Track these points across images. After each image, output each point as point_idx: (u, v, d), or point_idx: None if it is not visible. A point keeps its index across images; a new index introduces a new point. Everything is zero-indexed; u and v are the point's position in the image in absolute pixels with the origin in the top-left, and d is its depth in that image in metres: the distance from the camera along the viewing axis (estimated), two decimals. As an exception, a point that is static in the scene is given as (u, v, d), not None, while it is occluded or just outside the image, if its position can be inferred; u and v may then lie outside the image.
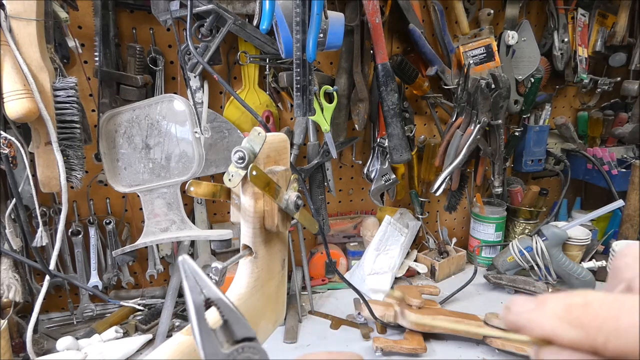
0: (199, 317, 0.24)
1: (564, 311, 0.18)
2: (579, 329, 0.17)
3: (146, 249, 1.00)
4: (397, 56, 1.04)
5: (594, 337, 0.17)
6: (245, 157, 0.52)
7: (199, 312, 0.25)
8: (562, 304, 0.18)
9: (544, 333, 0.18)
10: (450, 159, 1.09)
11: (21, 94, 0.64)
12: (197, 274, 0.26)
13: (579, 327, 0.17)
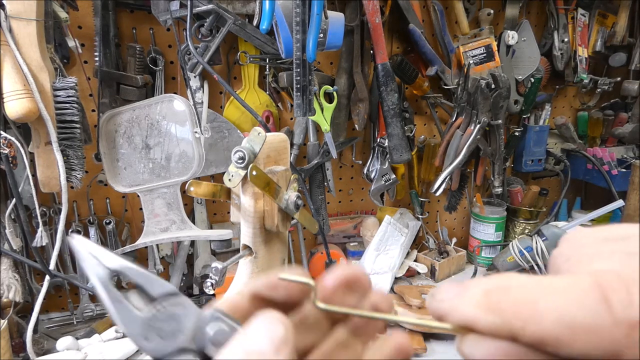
0: (107, 289, 0.23)
1: (483, 296, 0.17)
2: (497, 314, 0.17)
3: (146, 249, 1.00)
4: (397, 56, 1.04)
5: (511, 323, 0.16)
6: (245, 157, 0.52)
7: (105, 284, 0.23)
8: (482, 289, 0.18)
9: (464, 319, 0.18)
10: (450, 159, 1.09)
11: (21, 94, 0.64)
12: (92, 249, 0.24)
13: (498, 312, 0.17)
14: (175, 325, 0.23)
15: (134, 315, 0.23)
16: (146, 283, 0.24)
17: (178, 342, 0.22)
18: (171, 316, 0.23)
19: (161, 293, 0.23)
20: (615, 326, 0.15)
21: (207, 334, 0.22)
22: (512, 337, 0.16)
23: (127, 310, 0.23)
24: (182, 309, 0.23)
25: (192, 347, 0.22)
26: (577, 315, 0.15)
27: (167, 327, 0.22)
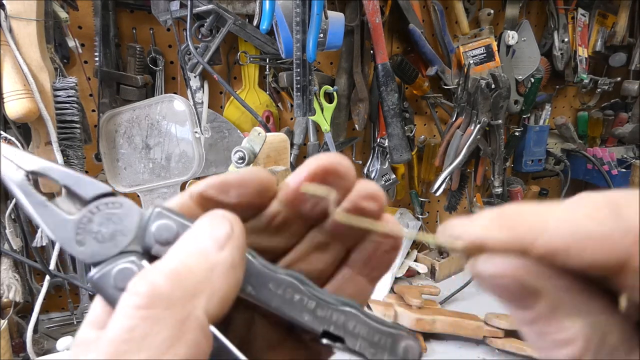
0: (26, 193, 0.20)
1: (495, 217, 0.18)
2: (508, 232, 0.17)
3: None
4: (397, 56, 1.04)
5: (522, 237, 0.17)
6: (245, 157, 0.52)
7: (24, 188, 0.20)
8: (494, 212, 0.18)
9: (475, 238, 0.18)
10: (450, 159, 1.09)
11: (21, 94, 0.64)
12: (6, 151, 0.21)
13: (509, 230, 0.17)
14: (113, 227, 0.20)
15: (62, 219, 0.20)
16: (75, 184, 0.21)
17: (118, 245, 0.20)
18: (108, 217, 0.20)
19: (94, 194, 0.21)
20: (625, 235, 0.15)
21: (150, 231, 0.20)
22: (523, 252, 0.17)
23: (54, 214, 0.20)
24: (121, 209, 0.21)
25: (136, 248, 0.20)
26: (588, 225, 0.16)
27: (105, 230, 0.20)
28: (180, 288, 0.18)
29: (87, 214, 0.20)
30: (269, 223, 0.23)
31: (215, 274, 0.19)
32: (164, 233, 0.20)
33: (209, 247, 0.19)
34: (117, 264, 0.20)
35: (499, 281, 0.17)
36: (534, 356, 0.81)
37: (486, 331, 0.86)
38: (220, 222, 0.20)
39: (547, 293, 0.17)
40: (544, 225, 0.16)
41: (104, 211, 0.20)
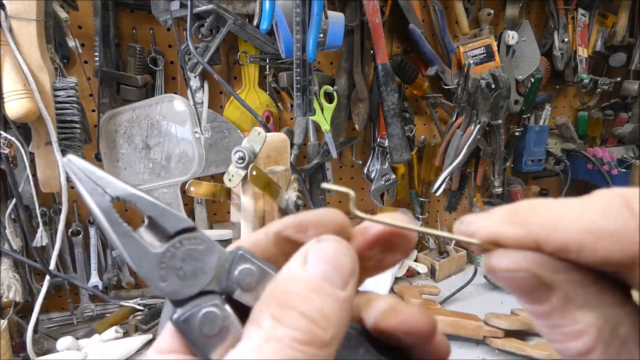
0: (111, 221, 0.20)
1: (509, 214, 0.18)
2: (522, 227, 0.18)
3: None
4: (397, 56, 1.04)
5: (536, 233, 0.17)
6: (246, 157, 0.52)
7: (108, 214, 0.20)
8: (508, 209, 0.19)
9: (490, 234, 0.19)
10: (450, 159, 1.09)
11: (21, 94, 0.64)
12: (92, 173, 0.20)
13: (523, 225, 0.18)
14: (195, 265, 0.20)
15: (147, 252, 0.20)
16: (160, 216, 0.20)
17: (200, 283, 0.19)
18: (190, 254, 0.20)
19: (177, 228, 0.20)
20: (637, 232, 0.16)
21: (232, 275, 0.20)
22: (536, 247, 0.17)
23: (138, 246, 0.20)
24: (202, 246, 0.20)
25: (216, 289, 0.20)
26: (601, 221, 0.16)
27: (186, 267, 0.20)
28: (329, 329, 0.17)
29: (171, 249, 0.20)
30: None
31: (344, 314, 0.18)
32: (246, 278, 0.20)
33: (336, 285, 0.18)
34: (202, 307, 0.19)
35: (514, 275, 0.18)
36: (534, 356, 0.81)
37: (486, 331, 0.86)
38: (344, 253, 0.19)
39: (560, 286, 0.17)
40: (558, 220, 0.17)
41: (186, 247, 0.20)
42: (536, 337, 0.88)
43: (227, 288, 0.20)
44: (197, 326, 0.19)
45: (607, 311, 0.17)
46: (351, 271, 0.19)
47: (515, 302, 0.88)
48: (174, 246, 0.20)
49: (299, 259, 0.19)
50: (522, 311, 0.92)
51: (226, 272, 0.20)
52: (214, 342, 0.19)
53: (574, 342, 0.17)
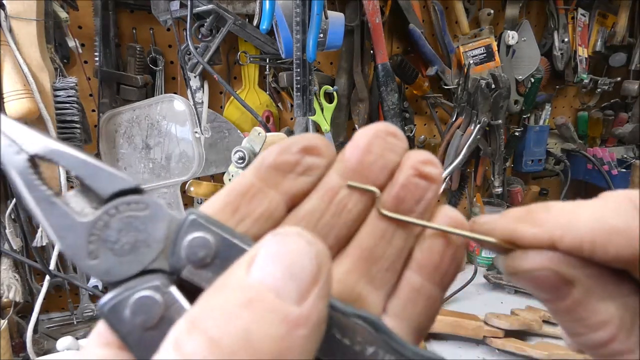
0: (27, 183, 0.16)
1: (524, 213, 0.19)
2: (538, 227, 0.18)
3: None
4: (397, 56, 1.04)
5: (551, 232, 0.18)
6: (245, 157, 0.52)
7: (24, 175, 0.16)
8: (523, 209, 0.19)
9: (506, 233, 0.19)
10: (450, 159, 1.09)
11: (21, 94, 0.64)
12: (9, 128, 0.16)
13: (538, 225, 0.18)
14: (136, 236, 0.16)
15: (72, 221, 0.15)
16: (91, 176, 0.16)
17: (141, 260, 0.15)
18: (129, 222, 0.16)
19: (113, 190, 0.16)
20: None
21: (182, 248, 0.15)
22: (552, 246, 0.18)
23: (61, 214, 0.15)
24: (146, 211, 0.16)
25: (164, 266, 0.15)
26: (613, 220, 0.17)
27: (124, 239, 0.15)
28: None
29: (104, 216, 0.16)
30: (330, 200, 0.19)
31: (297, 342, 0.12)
32: (198, 251, 0.15)
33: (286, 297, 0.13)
34: (137, 290, 0.15)
35: (536, 274, 0.18)
36: (534, 356, 0.81)
37: (486, 331, 0.86)
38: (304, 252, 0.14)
39: (580, 281, 0.18)
40: (571, 220, 0.18)
41: (124, 213, 0.16)
42: (536, 337, 0.88)
43: (175, 265, 0.15)
44: (128, 316, 0.14)
45: (627, 300, 0.17)
46: (313, 278, 0.13)
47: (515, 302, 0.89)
48: (108, 213, 0.16)
49: (244, 259, 0.14)
50: (522, 311, 0.92)
51: (176, 244, 0.15)
52: (153, 337, 0.14)
53: (597, 332, 0.17)
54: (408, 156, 0.20)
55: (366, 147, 0.19)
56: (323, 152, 0.20)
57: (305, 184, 0.19)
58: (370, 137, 0.20)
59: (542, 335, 0.89)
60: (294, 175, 0.19)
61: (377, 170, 0.19)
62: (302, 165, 0.19)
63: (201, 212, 0.16)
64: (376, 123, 0.20)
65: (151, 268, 0.15)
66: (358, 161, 0.19)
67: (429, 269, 0.20)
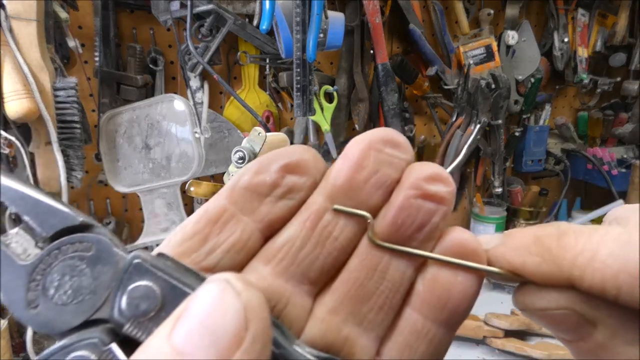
0: None
1: (534, 243, 0.16)
2: (552, 262, 0.15)
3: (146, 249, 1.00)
4: (397, 56, 1.04)
5: (568, 271, 0.15)
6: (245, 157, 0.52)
7: None
8: (532, 236, 0.16)
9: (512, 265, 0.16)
10: (450, 159, 1.09)
11: (21, 94, 0.64)
12: None
13: (553, 260, 0.15)
14: (79, 281, 0.14)
15: (11, 265, 0.14)
16: (32, 212, 0.15)
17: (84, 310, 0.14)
18: (73, 265, 0.14)
19: (57, 228, 0.14)
20: None
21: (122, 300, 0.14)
22: (570, 285, 0.15)
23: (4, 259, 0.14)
24: (92, 251, 0.14)
25: (109, 315, 0.14)
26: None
27: (67, 284, 0.14)
28: None
29: (46, 259, 0.14)
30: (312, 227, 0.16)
31: None
32: (140, 303, 0.13)
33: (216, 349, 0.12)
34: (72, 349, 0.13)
35: (554, 313, 0.16)
36: (534, 356, 0.81)
37: (486, 331, 0.86)
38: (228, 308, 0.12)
39: (604, 322, 0.15)
40: (592, 258, 0.15)
41: (68, 254, 0.14)
42: (536, 337, 0.88)
43: (117, 318, 0.14)
44: None
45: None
46: (236, 339, 0.12)
47: (515, 302, 0.86)
48: (50, 255, 0.14)
49: (169, 320, 0.13)
50: (522, 311, 0.92)
51: (122, 291, 0.14)
52: None
53: None
54: (410, 171, 0.16)
55: (357, 161, 0.16)
56: (308, 169, 0.17)
57: (286, 209, 0.17)
58: (363, 148, 0.16)
59: (542, 335, 0.89)
60: (272, 198, 0.16)
61: (371, 190, 0.16)
62: (281, 187, 0.16)
63: (147, 255, 0.14)
64: (373, 130, 0.17)
65: (95, 318, 0.14)
66: (347, 179, 0.16)
67: (433, 306, 0.16)
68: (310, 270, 0.16)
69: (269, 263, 0.16)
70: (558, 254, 0.15)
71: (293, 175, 0.17)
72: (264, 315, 0.13)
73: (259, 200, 0.16)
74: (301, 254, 0.16)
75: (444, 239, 0.17)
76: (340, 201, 0.16)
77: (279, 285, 0.16)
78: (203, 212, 0.16)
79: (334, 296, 0.16)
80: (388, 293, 0.16)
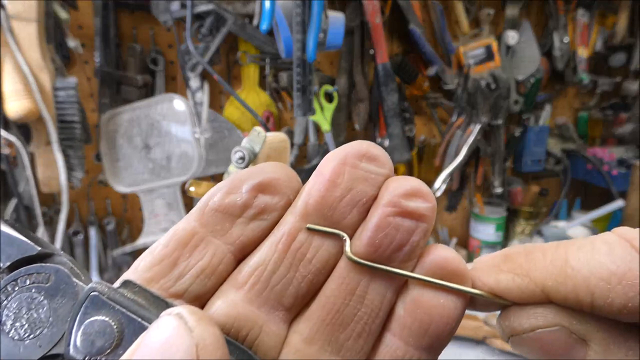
0: None
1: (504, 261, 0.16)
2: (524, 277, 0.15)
3: (146, 249, 1.00)
4: (397, 56, 1.05)
5: (541, 282, 0.15)
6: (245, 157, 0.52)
7: None
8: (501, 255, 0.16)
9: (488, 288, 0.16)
10: (450, 159, 1.09)
11: (21, 94, 0.64)
12: None
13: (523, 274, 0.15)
14: (36, 314, 0.14)
15: None
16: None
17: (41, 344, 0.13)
18: (30, 298, 0.14)
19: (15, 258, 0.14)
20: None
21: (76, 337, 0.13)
22: (548, 300, 0.15)
23: None
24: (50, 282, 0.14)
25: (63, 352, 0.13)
26: (609, 265, 0.14)
27: (23, 319, 0.14)
28: None
29: (2, 292, 0.14)
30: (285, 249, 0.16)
31: None
32: (96, 339, 0.13)
33: None
34: None
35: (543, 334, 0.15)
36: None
37: (486, 331, 0.86)
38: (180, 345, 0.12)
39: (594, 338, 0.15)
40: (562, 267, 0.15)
41: (25, 286, 0.14)
42: (536, 337, 0.88)
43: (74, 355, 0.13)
44: None
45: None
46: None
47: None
48: (7, 288, 0.14)
49: (127, 354, 0.13)
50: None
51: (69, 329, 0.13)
52: None
53: None
54: (387, 187, 0.16)
55: (331, 178, 0.15)
56: (280, 188, 0.16)
57: (259, 230, 0.16)
58: (336, 164, 0.16)
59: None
60: (243, 220, 0.16)
61: (345, 209, 0.16)
62: (253, 208, 0.16)
63: (104, 287, 0.14)
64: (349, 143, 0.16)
65: (52, 354, 0.13)
66: (320, 197, 0.16)
67: (415, 331, 0.16)
68: (284, 295, 0.16)
69: (240, 288, 0.16)
70: (529, 267, 0.15)
71: (265, 195, 0.16)
72: (219, 353, 0.12)
73: (231, 222, 0.16)
74: (274, 278, 0.16)
75: (425, 258, 0.16)
76: (314, 221, 0.16)
77: (251, 312, 0.15)
78: (172, 235, 0.16)
79: (310, 323, 0.16)
80: (367, 319, 0.16)
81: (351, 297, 0.16)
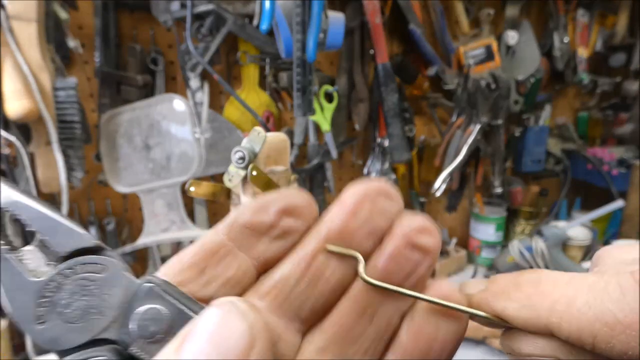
0: None
1: (514, 289, 0.17)
2: (530, 309, 0.16)
3: (146, 249, 1.00)
4: (397, 56, 1.05)
5: (547, 318, 0.15)
6: (245, 157, 0.52)
7: None
8: (512, 282, 0.17)
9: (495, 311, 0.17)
10: (450, 159, 1.09)
11: (21, 94, 0.64)
12: None
13: (531, 307, 0.16)
14: (88, 301, 0.15)
15: (23, 281, 0.14)
16: (48, 232, 0.15)
17: (91, 329, 0.14)
18: (84, 285, 0.15)
19: (70, 248, 0.15)
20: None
21: (131, 319, 0.15)
22: (549, 333, 0.16)
23: (12, 272, 0.14)
24: (104, 273, 0.15)
25: (114, 337, 0.15)
26: (617, 313, 0.14)
27: (76, 303, 0.14)
28: None
29: (57, 277, 0.14)
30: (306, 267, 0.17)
31: None
32: (150, 325, 0.14)
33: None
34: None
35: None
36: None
37: (486, 331, 0.86)
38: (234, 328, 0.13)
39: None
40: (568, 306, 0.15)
41: (79, 275, 0.15)
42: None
43: (124, 338, 0.15)
44: None
45: None
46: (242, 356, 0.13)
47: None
48: (62, 273, 0.15)
49: (177, 338, 0.14)
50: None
51: (130, 312, 0.14)
52: None
53: None
54: (400, 222, 0.18)
55: (353, 209, 0.17)
56: (304, 213, 0.18)
57: (281, 249, 0.18)
58: (358, 197, 0.17)
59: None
60: (268, 238, 0.17)
61: (363, 237, 0.17)
62: (278, 229, 0.17)
63: (159, 280, 0.15)
64: (369, 181, 0.18)
65: (101, 337, 0.14)
66: (342, 225, 0.17)
67: (415, 355, 0.17)
68: (303, 308, 0.17)
69: (263, 298, 0.17)
70: (536, 301, 0.16)
71: (290, 218, 0.18)
72: (268, 337, 0.14)
73: (257, 238, 0.17)
74: (294, 292, 0.17)
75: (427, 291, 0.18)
76: (333, 245, 0.17)
77: (272, 320, 0.17)
78: (201, 245, 0.17)
79: (323, 336, 0.17)
80: (374, 337, 0.17)
81: (362, 317, 0.17)
